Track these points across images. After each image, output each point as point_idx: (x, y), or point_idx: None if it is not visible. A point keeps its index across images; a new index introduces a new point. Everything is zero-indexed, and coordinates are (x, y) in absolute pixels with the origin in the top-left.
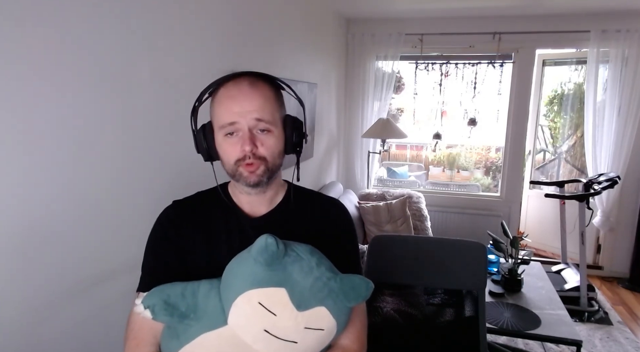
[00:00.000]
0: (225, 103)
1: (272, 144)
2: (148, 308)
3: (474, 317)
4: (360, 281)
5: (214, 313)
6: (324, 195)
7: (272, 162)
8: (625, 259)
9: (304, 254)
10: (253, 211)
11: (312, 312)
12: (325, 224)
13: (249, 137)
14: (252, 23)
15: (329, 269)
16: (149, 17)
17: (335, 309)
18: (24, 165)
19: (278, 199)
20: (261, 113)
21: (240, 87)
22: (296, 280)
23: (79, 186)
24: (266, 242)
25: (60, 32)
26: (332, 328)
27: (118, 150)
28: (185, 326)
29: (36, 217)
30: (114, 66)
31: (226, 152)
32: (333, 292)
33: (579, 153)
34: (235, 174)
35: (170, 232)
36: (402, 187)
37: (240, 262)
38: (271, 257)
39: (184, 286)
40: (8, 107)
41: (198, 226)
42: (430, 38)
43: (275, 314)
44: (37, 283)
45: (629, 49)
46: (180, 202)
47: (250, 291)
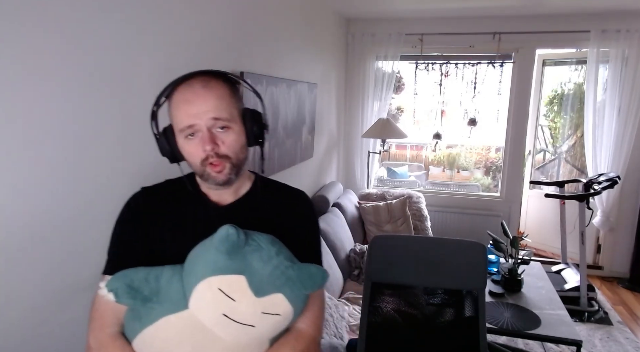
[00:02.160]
0: (180, 106)
1: (232, 141)
2: (112, 291)
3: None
4: (317, 270)
5: (176, 297)
6: (289, 186)
7: (235, 158)
8: (625, 259)
9: (264, 243)
10: (220, 200)
11: (269, 298)
12: (288, 215)
13: (209, 137)
14: (252, 23)
15: (287, 258)
16: (149, 17)
17: (292, 296)
18: (24, 165)
19: (244, 189)
20: (217, 112)
21: (194, 89)
22: (255, 268)
23: (79, 185)
24: (227, 232)
25: (59, 32)
26: (288, 313)
27: (118, 150)
28: (147, 309)
29: (36, 216)
30: (114, 66)
31: (190, 154)
32: (290, 280)
33: (579, 153)
34: (203, 175)
35: (137, 218)
36: (402, 187)
37: (202, 250)
38: (232, 246)
39: (148, 271)
40: (7, 107)
41: (165, 212)
42: (430, 38)
43: (234, 300)
44: (37, 283)
45: (629, 49)
46: (148, 188)
47: (211, 278)
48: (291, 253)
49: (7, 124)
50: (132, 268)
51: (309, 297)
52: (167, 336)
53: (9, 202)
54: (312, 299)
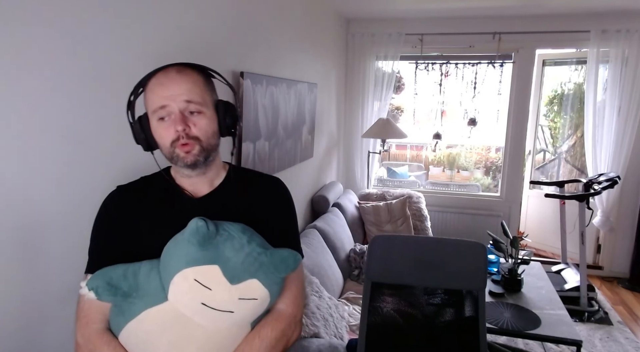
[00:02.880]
0: (155, 89)
1: (204, 125)
2: (92, 290)
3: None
4: (289, 254)
5: (155, 291)
6: (264, 174)
7: (206, 142)
8: (625, 259)
9: (236, 232)
10: (195, 192)
11: (245, 284)
12: (264, 202)
13: (180, 118)
14: (252, 23)
15: (259, 244)
16: (149, 17)
17: (266, 280)
18: (23, 165)
19: (219, 180)
20: (190, 95)
21: (168, 74)
22: (228, 257)
23: (78, 185)
24: (197, 225)
25: (59, 31)
26: (265, 297)
27: (118, 150)
28: (128, 304)
29: (36, 216)
30: (112, 66)
31: (161, 136)
32: (264, 265)
33: (579, 153)
34: (172, 157)
35: (114, 217)
36: (402, 187)
37: (176, 243)
38: (203, 238)
39: (126, 268)
40: (7, 107)
41: (142, 208)
42: (430, 38)
43: (210, 289)
44: (37, 283)
45: (629, 49)
46: (123, 187)
47: (186, 270)
48: (263, 239)
49: (6, 124)
50: (111, 266)
51: (284, 279)
52: (149, 328)
53: (8, 202)
54: (290, 280)
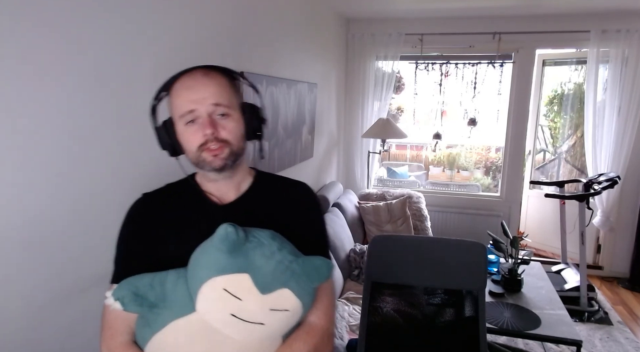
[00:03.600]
0: (182, 93)
1: (233, 127)
2: (118, 300)
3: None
4: (322, 262)
5: (182, 301)
6: (290, 179)
7: (236, 145)
8: (625, 259)
9: (266, 239)
10: (222, 198)
11: (276, 294)
12: (291, 207)
13: (209, 121)
14: (252, 23)
15: (290, 252)
16: (149, 17)
17: (298, 290)
18: (23, 164)
19: (245, 185)
20: (218, 98)
21: (195, 77)
22: (258, 265)
23: (79, 185)
24: (226, 231)
25: (59, 31)
26: (297, 308)
27: (118, 150)
28: (155, 315)
29: (35, 216)
30: (113, 66)
31: (188, 141)
32: (295, 274)
33: (579, 153)
34: (198, 161)
35: (140, 225)
36: (402, 187)
37: (204, 251)
38: (232, 244)
39: (152, 277)
40: (6, 107)
41: (168, 216)
42: (430, 38)
43: (240, 299)
44: (37, 283)
45: (629, 49)
46: (149, 194)
47: (215, 278)
48: (294, 247)
49: (6, 124)
50: (137, 275)
51: (316, 289)
52: (177, 340)
53: (8, 203)
54: (321, 291)
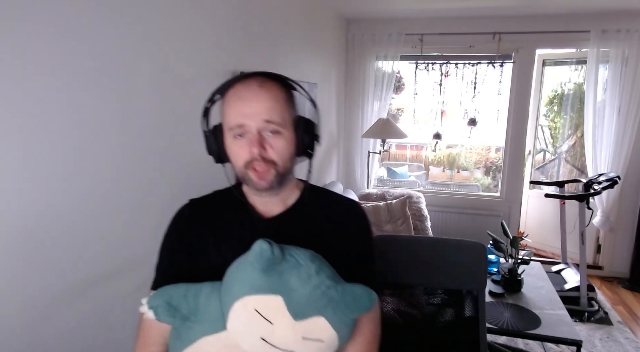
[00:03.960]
0: (234, 104)
1: (281, 147)
2: (152, 309)
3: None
4: (363, 291)
5: (214, 317)
6: (340, 196)
7: (282, 166)
8: (625, 259)
9: (304, 260)
10: (267, 211)
11: (310, 322)
12: (339, 226)
13: (257, 139)
14: (253, 23)
15: (329, 276)
16: (150, 17)
17: (335, 319)
18: (25, 164)
19: (292, 199)
20: (270, 114)
21: (250, 87)
22: (293, 288)
23: (79, 185)
24: (260, 248)
25: (61, 31)
26: (332, 340)
27: (118, 150)
28: (187, 328)
29: (36, 217)
30: (115, 66)
31: (235, 155)
32: (333, 301)
33: (579, 153)
34: (244, 178)
35: (184, 231)
36: (402, 187)
37: (239, 266)
38: (267, 263)
39: (187, 288)
40: (8, 106)
41: (211, 225)
42: (430, 38)
43: (271, 322)
44: (38, 283)
45: (629, 49)
46: (196, 200)
47: (247, 297)
48: (334, 271)
49: (7, 124)
50: (173, 284)
51: (356, 321)
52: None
53: (9, 203)
54: (363, 322)
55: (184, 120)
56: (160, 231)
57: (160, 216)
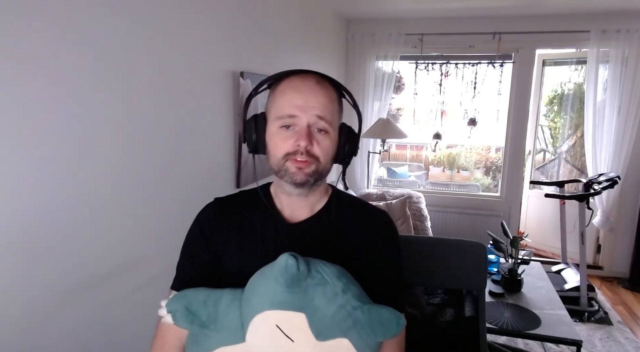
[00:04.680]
0: (288, 94)
1: (327, 145)
2: (170, 312)
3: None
4: (391, 315)
5: (233, 327)
6: (370, 205)
7: (323, 163)
8: (625, 259)
9: (330, 277)
10: (293, 216)
11: (333, 343)
12: (367, 237)
13: (307, 132)
14: (253, 23)
15: (356, 296)
16: (151, 17)
17: (359, 342)
18: (25, 165)
19: (320, 205)
20: (323, 111)
21: (307, 82)
22: (317, 306)
23: (80, 186)
24: (286, 263)
25: (62, 31)
26: None
27: (119, 150)
28: (204, 336)
29: (37, 217)
30: (116, 66)
31: (277, 145)
32: (358, 323)
33: (579, 153)
34: (281, 169)
35: (206, 231)
36: (402, 187)
37: (262, 278)
38: (291, 278)
39: (207, 294)
40: (9, 106)
41: (234, 226)
42: (430, 38)
43: (292, 340)
44: (38, 283)
45: (629, 49)
46: (221, 199)
47: (269, 312)
48: (361, 290)
49: (8, 124)
50: (193, 289)
51: (381, 344)
52: None
53: (9, 203)
54: (388, 347)
55: (184, 120)
56: (162, 231)
57: (161, 216)
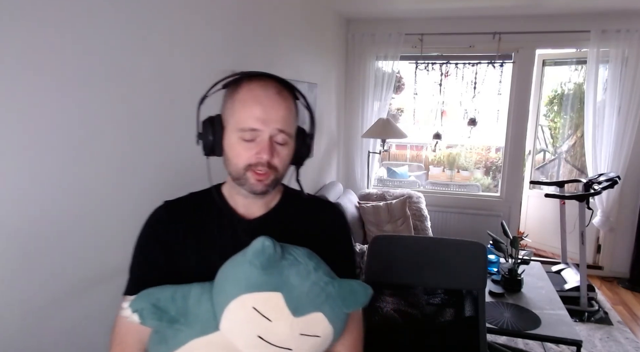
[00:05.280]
0: (250, 106)
1: (285, 156)
2: (136, 312)
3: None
4: (359, 287)
5: (205, 318)
6: (320, 198)
7: (281, 172)
8: (625, 259)
9: (302, 257)
10: (248, 213)
11: (308, 318)
12: (321, 228)
13: (269, 146)
14: (253, 23)
15: (326, 273)
16: (150, 17)
17: (332, 315)
18: (24, 165)
19: (274, 202)
20: (284, 124)
21: (268, 93)
22: (293, 284)
23: (79, 186)
24: (263, 245)
25: (61, 31)
26: (328, 335)
27: (119, 150)
28: (174, 331)
29: (36, 217)
30: (114, 66)
31: (238, 156)
32: (331, 297)
33: (579, 153)
34: (241, 178)
35: (160, 234)
36: (402, 187)
37: (234, 265)
38: (268, 260)
39: (175, 290)
40: (8, 106)
41: (189, 227)
42: (430, 38)
43: (270, 320)
44: (37, 283)
45: (629, 49)
46: (171, 202)
47: (245, 295)
48: (329, 268)
49: (9, 124)
50: (158, 286)
51: (349, 317)
52: None
53: (9, 203)
54: (351, 321)
55: (184, 120)
56: None
57: None
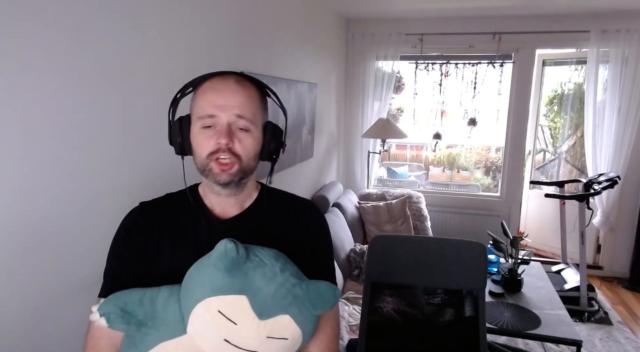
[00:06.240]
0: (208, 94)
1: (248, 144)
2: (104, 316)
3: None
4: (327, 288)
5: (173, 321)
6: (297, 196)
7: (246, 162)
8: (625, 259)
9: (268, 259)
10: (224, 213)
11: (275, 320)
12: (297, 226)
13: (227, 130)
14: (253, 23)
15: (294, 274)
16: (150, 16)
17: (300, 317)
18: (24, 165)
19: (250, 201)
20: (243, 110)
21: (227, 82)
22: (258, 287)
23: (79, 185)
24: (225, 248)
25: (60, 31)
26: (297, 337)
27: (119, 150)
28: (142, 335)
29: (36, 217)
30: (115, 65)
31: (200, 145)
32: (298, 299)
33: (579, 153)
34: (205, 169)
35: (135, 235)
36: (402, 187)
37: (200, 268)
38: (231, 263)
39: (142, 293)
40: (7, 106)
41: (165, 228)
42: (430, 38)
43: (235, 323)
44: (37, 283)
45: (629, 49)
46: (147, 203)
47: (210, 299)
48: (298, 269)
49: (7, 124)
50: (127, 290)
51: (319, 318)
52: None
53: (9, 203)
54: (324, 320)
55: None
56: None
57: None
